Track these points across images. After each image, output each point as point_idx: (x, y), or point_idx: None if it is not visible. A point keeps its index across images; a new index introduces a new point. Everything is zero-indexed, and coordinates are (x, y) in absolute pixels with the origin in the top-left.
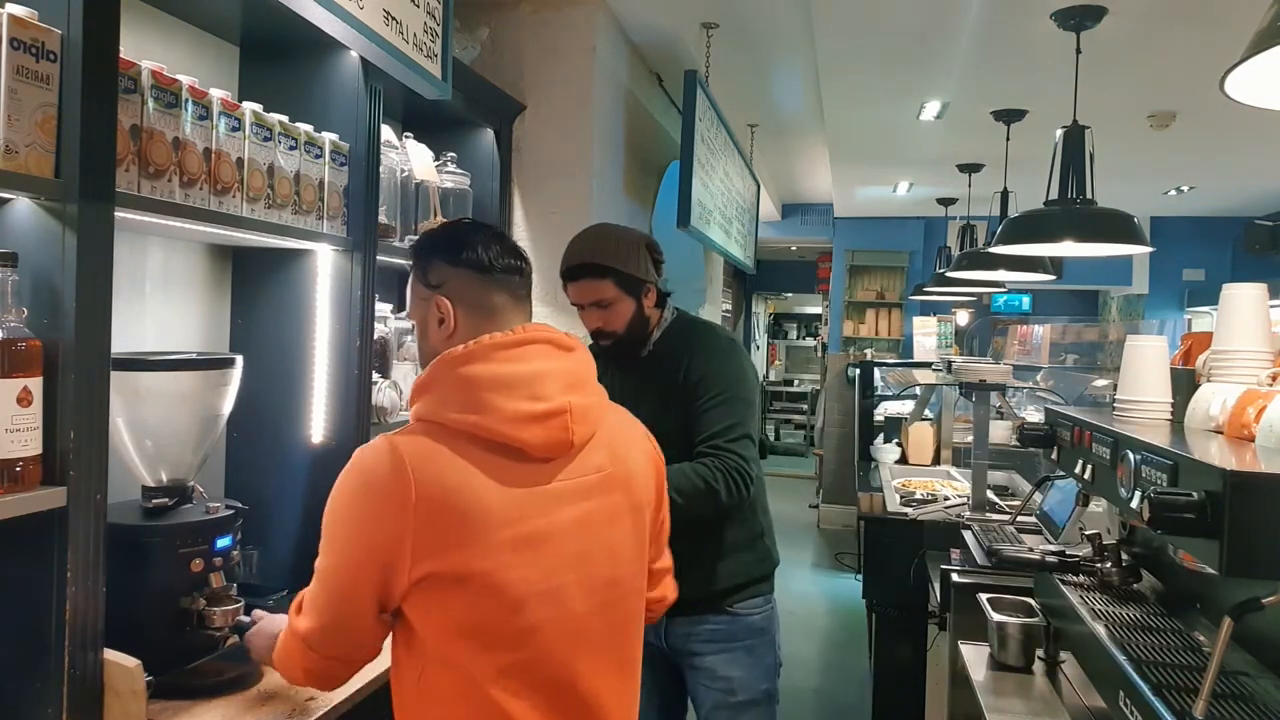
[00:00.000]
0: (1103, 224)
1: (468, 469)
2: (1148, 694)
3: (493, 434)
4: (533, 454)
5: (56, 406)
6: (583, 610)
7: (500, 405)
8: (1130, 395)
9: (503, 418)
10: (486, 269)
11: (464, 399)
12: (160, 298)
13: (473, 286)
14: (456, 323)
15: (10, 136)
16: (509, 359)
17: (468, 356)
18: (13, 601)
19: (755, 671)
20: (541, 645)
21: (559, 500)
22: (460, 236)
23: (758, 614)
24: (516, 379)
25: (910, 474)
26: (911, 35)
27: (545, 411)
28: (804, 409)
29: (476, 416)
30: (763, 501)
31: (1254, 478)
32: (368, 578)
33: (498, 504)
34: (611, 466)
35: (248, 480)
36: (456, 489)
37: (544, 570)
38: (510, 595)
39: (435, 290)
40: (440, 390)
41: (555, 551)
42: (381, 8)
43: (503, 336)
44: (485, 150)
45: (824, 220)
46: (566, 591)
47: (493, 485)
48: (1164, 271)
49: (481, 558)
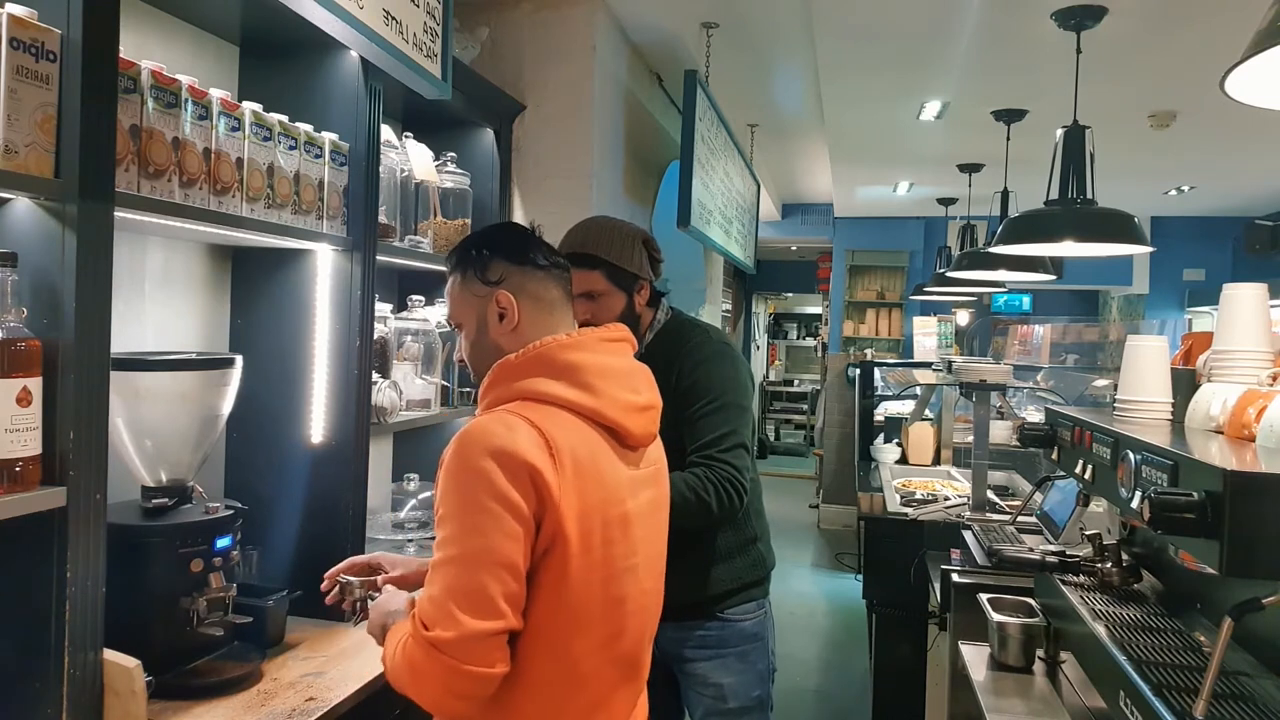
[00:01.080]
0: (1103, 224)
1: (590, 443)
2: (1148, 694)
3: (604, 417)
4: (631, 441)
5: (56, 406)
6: (650, 589)
7: (612, 393)
8: (1130, 395)
9: (615, 404)
10: (542, 265)
11: (575, 381)
12: (160, 298)
13: (532, 281)
14: (520, 315)
15: (10, 136)
16: (611, 351)
17: (574, 344)
18: (13, 601)
19: (747, 677)
20: (623, 619)
21: (640, 485)
22: (516, 236)
23: (750, 619)
24: (619, 371)
25: (910, 474)
26: (912, 35)
27: (644, 404)
28: (804, 409)
29: (593, 399)
30: (757, 506)
31: (1254, 478)
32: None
33: (611, 480)
34: (659, 461)
35: (248, 480)
36: (586, 456)
37: (629, 548)
38: (611, 568)
39: (495, 286)
40: (545, 372)
41: (635, 532)
42: (381, 8)
43: (603, 331)
44: (485, 150)
45: (824, 220)
46: (639, 570)
47: (608, 463)
48: (1164, 271)
49: (599, 525)
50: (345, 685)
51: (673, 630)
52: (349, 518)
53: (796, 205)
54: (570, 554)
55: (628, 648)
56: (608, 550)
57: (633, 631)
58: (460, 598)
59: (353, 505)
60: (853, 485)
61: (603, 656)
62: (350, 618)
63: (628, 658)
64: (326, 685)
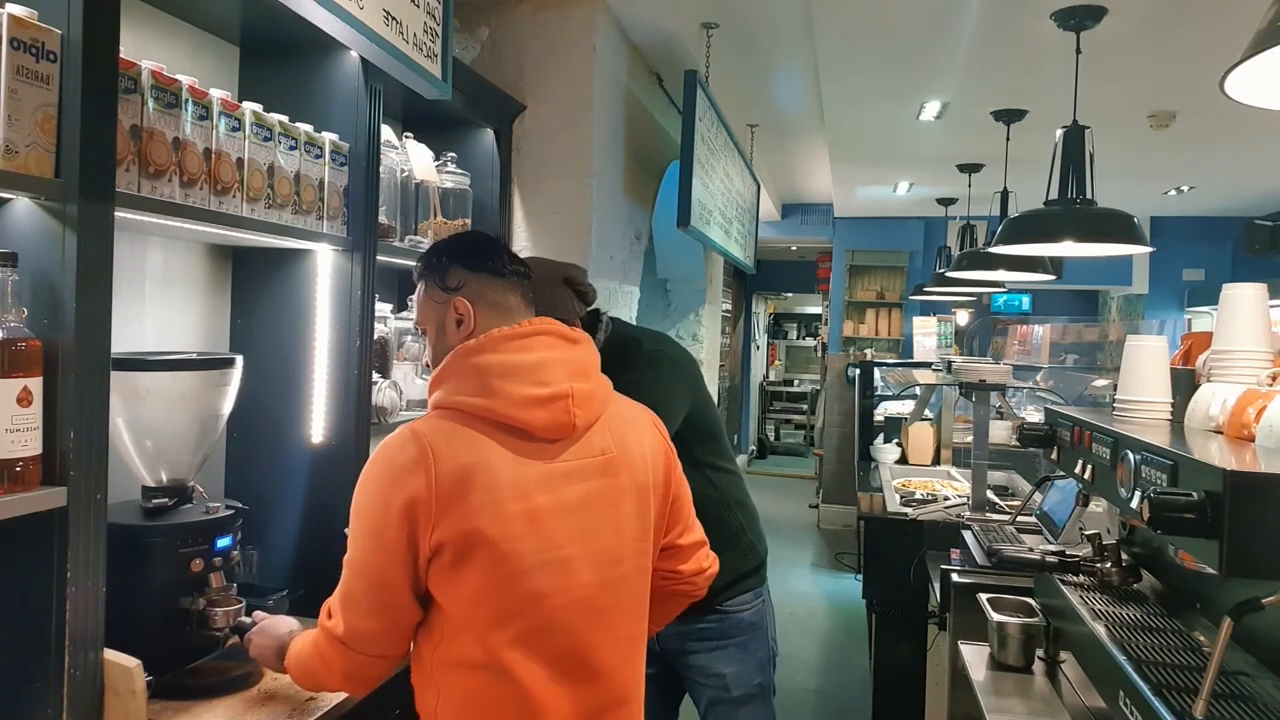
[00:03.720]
0: (1103, 224)
1: (480, 447)
2: (1148, 694)
3: (501, 416)
4: (537, 434)
5: (56, 406)
6: (590, 582)
7: (509, 390)
8: (1130, 395)
9: (510, 401)
10: (500, 273)
11: (476, 385)
12: (160, 298)
13: (489, 288)
14: (475, 321)
15: (10, 136)
16: (517, 349)
17: (479, 348)
18: (13, 601)
19: (748, 666)
20: (549, 613)
21: (564, 478)
22: (475, 244)
23: (748, 609)
24: (523, 366)
25: (910, 474)
26: (911, 35)
27: (549, 395)
28: (804, 409)
29: (487, 400)
30: (739, 497)
31: (1254, 478)
32: (401, 558)
33: (508, 478)
34: (616, 450)
35: (248, 480)
36: (472, 463)
37: (548, 541)
38: (518, 564)
39: (454, 293)
40: (455, 379)
41: (559, 525)
42: (381, 8)
43: (510, 329)
44: (485, 150)
45: (824, 220)
46: (572, 563)
47: (503, 461)
48: (1164, 271)
49: (494, 526)
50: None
51: (674, 627)
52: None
53: (796, 205)
54: (467, 553)
55: (561, 643)
56: (511, 546)
57: (566, 626)
58: (346, 599)
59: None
60: (853, 485)
61: (525, 651)
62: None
63: (563, 654)
64: None
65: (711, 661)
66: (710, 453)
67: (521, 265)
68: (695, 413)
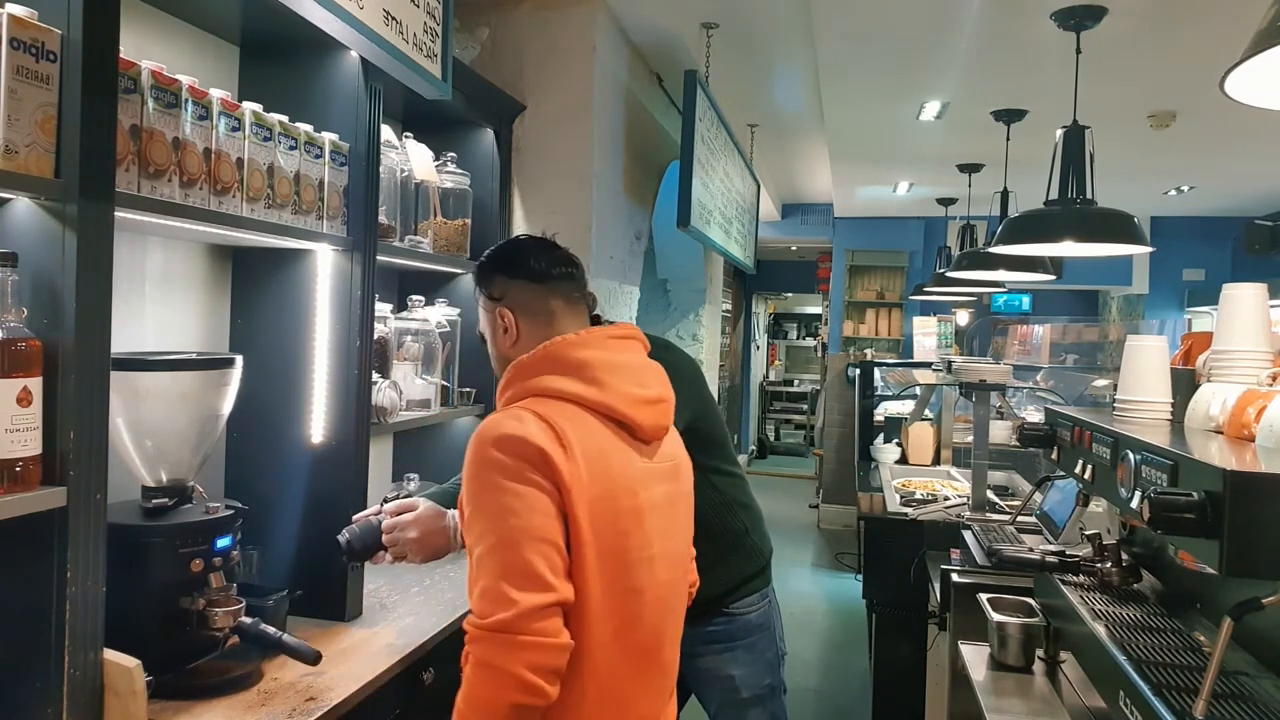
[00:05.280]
0: (1103, 224)
1: (599, 435)
2: (1148, 694)
3: (612, 410)
4: (641, 433)
5: (56, 406)
6: (666, 580)
7: (617, 386)
8: (1130, 395)
9: (620, 396)
10: (541, 278)
11: (584, 376)
12: (160, 298)
13: (530, 295)
14: (519, 330)
15: (10, 136)
16: (616, 348)
17: (582, 342)
18: (13, 601)
19: (757, 668)
20: (640, 609)
21: (655, 479)
22: (515, 251)
23: (754, 611)
24: (624, 366)
25: (910, 474)
26: (912, 36)
27: (653, 398)
28: (804, 409)
29: (599, 392)
30: (741, 499)
31: (1254, 478)
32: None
33: (620, 471)
34: (677, 457)
35: (248, 480)
36: (594, 450)
37: (645, 539)
38: (624, 558)
39: (498, 302)
40: (553, 371)
41: (650, 524)
42: (381, 8)
43: (612, 329)
44: (485, 150)
45: (824, 220)
46: (657, 562)
47: (616, 453)
48: (1164, 271)
49: (607, 518)
50: (345, 685)
51: (682, 630)
52: (349, 518)
53: (796, 205)
54: (582, 541)
55: (644, 638)
56: (620, 540)
57: (649, 622)
58: (509, 578)
59: (352, 505)
60: (853, 485)
61: (617, 645)
62: (223, 636)
63: (644, 648)
64: (326, 685)
65: (720, 664)
66: (713, 457)
67: (565, 265)
68: (697, 420)
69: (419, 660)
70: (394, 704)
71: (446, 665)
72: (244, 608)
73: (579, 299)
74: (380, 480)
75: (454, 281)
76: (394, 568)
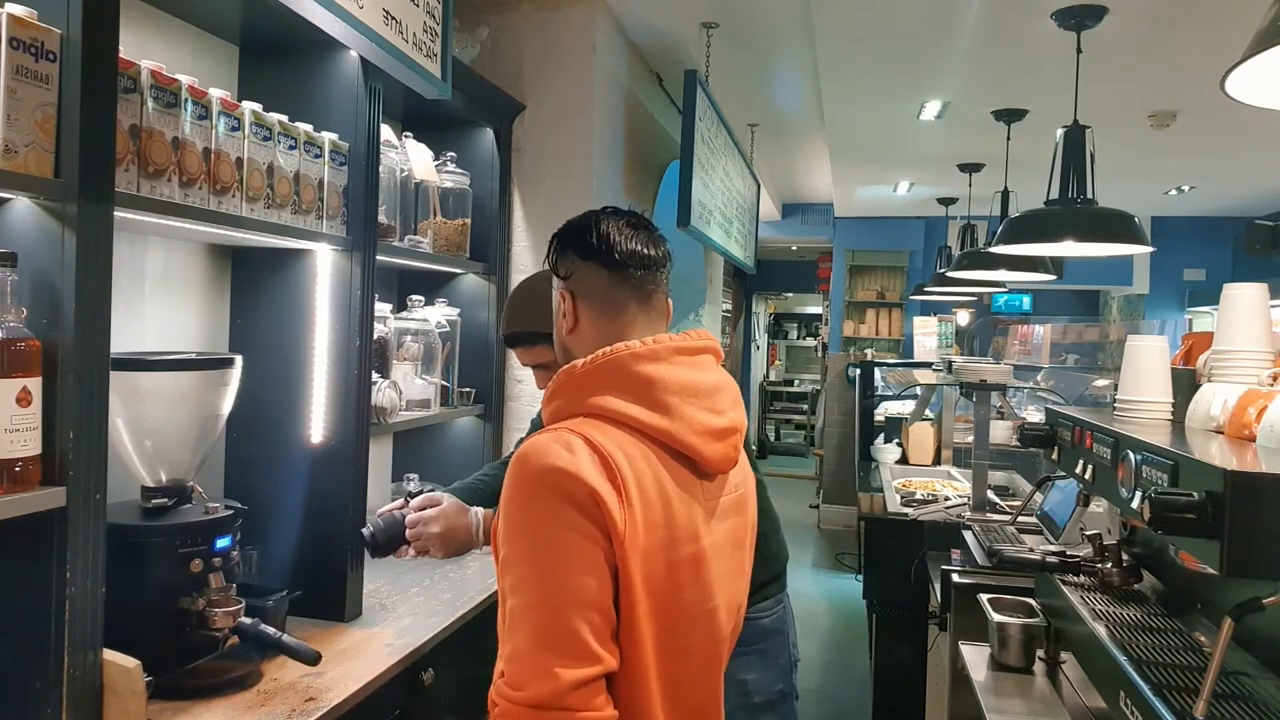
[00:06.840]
0: (1103, 224)
1: (659, 473)
2: (1148, 694)
3: (679, 443)
4: (709, 469)
5: (56, 406)
6: (726, 636)
7: (688, 414)
8: (1131, 395)
9: (690, 427)
10: (613, 263)
11: (651, 400)
12: (160, 298)
13: (596, 281)
14: (577, 317)
15: (10, 136)
16: (688, 365)
17: (651, 355)
18: (13, 602)
19: (770, 673)
20: (691, 669)
21: (717, 518)
22: (590, 226)
23: (768, 616)
24: (699, 388)
25: (910, 474)
26: (912, 35)
27: (725, 428)
28: (804, 409)
29: (666, 421)
30: (761, 505)
31: (1254, 478)
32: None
33: (684, 516)
34: (745, 484)
35: (248, 480)
36: (658, 493)
37: (706, 590)
38: (679, 616)
39: (563, 281)
40: (618, 388)
41: (712, 573)
42: (381, 7)
43: (683, 340)
44: (485, 150)
45: (824, 220)
46: (717, 615)
47: (677, 495)
48: (1164, 271)
49: (663, 571)
50: (345, 685)
51: None
52: (349, 518)
53: (796, 205)
54: (634, 600)
55: (696, 702)
56: (675, 596)
57: (702, 681)
58: (549, 645)
59: (353, 505)
60: (853, 485)
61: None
62: (222, 636)
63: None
64: (326, 685)
65: (733, 668)
66: None
67: (649, 248)
68: None
69: (418, 660)
70: (393, 704)
71: (446, 665)
72: (243, 608)
73: (653, 293)
74: (380, 480)
75: (454, 281)
76: (394, 568)
